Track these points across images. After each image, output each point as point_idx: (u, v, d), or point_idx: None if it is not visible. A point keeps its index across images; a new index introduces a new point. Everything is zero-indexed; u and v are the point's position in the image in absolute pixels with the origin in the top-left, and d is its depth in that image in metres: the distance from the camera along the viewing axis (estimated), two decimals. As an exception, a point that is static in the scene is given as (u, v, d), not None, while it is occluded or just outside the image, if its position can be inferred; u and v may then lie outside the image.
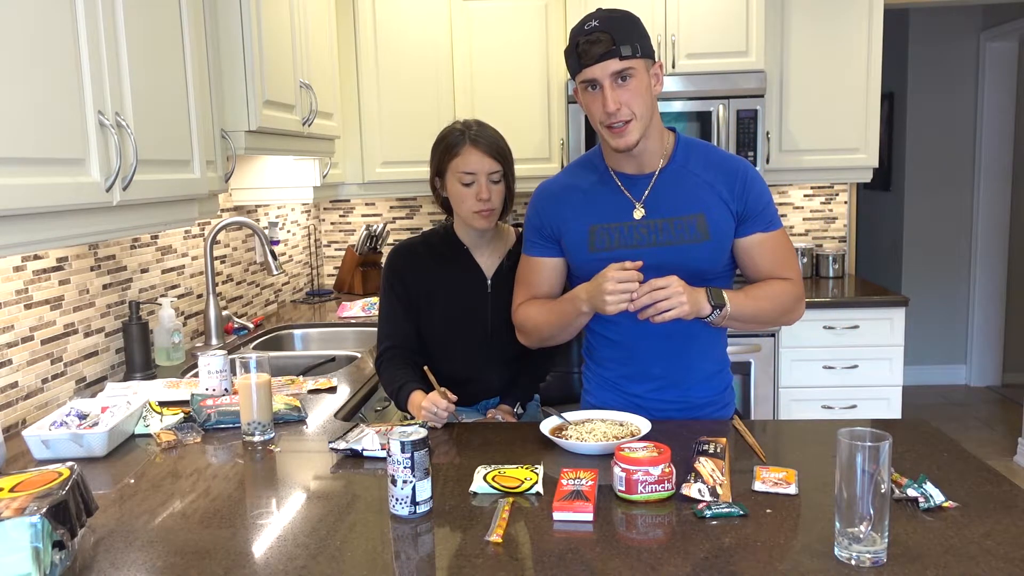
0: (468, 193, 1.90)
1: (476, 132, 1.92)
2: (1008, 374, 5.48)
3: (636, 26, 1.64)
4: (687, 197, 1.70)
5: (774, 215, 1.75)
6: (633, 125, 1.64)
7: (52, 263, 2.03)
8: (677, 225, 1.69)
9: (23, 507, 1.10)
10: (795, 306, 1.77)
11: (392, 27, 3.51)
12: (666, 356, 1.76)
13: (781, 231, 1.76)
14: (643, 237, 1.70)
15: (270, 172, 3.03)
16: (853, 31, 3.52)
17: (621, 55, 1.60)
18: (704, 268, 1.71)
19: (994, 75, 5.24)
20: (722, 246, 1.72)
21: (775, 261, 1.75)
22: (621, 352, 1.79)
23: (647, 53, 1.64)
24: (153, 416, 1.82)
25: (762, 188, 1.73)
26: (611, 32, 1.60)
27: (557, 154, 3.61)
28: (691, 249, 1.68)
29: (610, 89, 1.62)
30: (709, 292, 1.64)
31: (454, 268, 2.02)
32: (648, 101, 1.65)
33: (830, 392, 3.46)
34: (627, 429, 1.62)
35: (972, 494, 1.33)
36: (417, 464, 1.30)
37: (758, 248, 1.74)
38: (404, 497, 1.30)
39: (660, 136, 1.73)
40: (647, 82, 1.64)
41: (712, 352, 1.80)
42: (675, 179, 1.72)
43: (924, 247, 5.50)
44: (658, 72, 1.68)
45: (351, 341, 3.00)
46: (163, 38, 1.79)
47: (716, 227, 1.69)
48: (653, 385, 1.78)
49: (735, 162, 1.74)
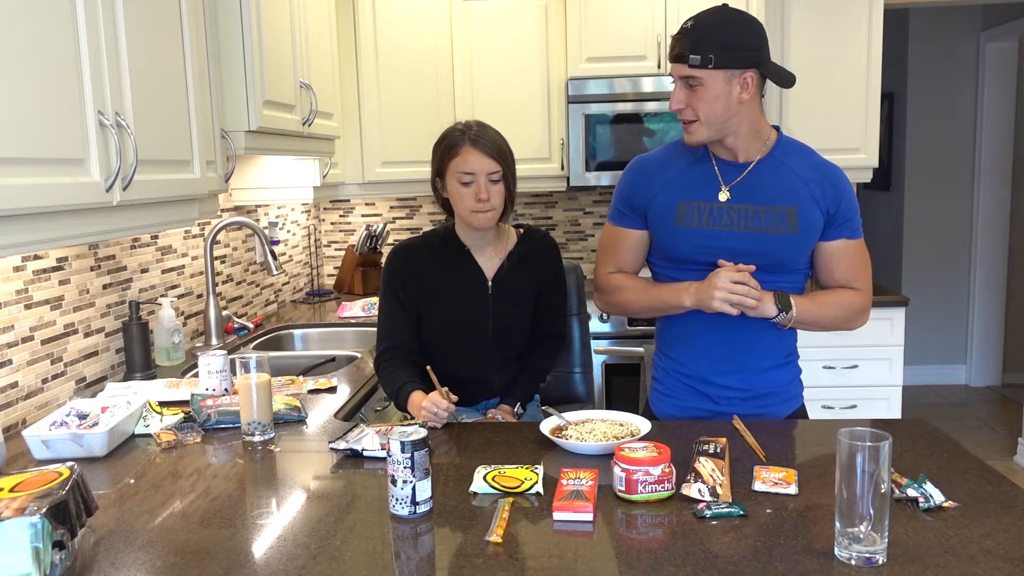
0: (467, 193, 1.90)
1: (476, 132, 1.91)
2: (1008, 374, 5.49)
3: (723, 35, 1.64)
4: (781, 189, 1.74)
5: (859, 224, 1.79)
6: (696, 127, 1.70)
7: (52, 263, 2.03)
8: (768, 214, 1.73)
9: (23, 507, 1.10)
10: (858, 316, 1.84)
11: (392, 27, 3.51)
12: (732, 341, 1.79)
13: (862, 241, 1.80)
14: (732, 220, 1.73)
15: (270, 172, 3.03)
16: (853, 31, 3.53)
17: (689, 63, 1.64)
18: (786, 260, 1.74)
19: (994, 75, 5.24)
20: (807, 242, 1.75)
21: (851, 269, 1.79)
22: (688, 333, 1.82)
23: (727, 64, 1.64)
24: (153, 416, 1.82)
25: (853, 196, 1.77)
26: (692, 37, 1.64)
27: (557, 154, 3.61)
28: (778, 239, 1.72)
29: (678, 89, 1.69)
30: (777, 295, 1.70)
31: (455, 269, 2.02)
32: (717, 109, 1.67)
33: (830, 392, 3.46)
34: (627, 429, 1.62)
35: (972, 494, 1.33)
36: (417, 464, 1.30)
37: (839, 254, 1.78)
38: (404, 497, 1.30)
39: (756, 132, 1.75)
40: (719, 91, 1.65)
41: (780, 345, 1.84)
42: (771, 172, 1.75)
43: (924, 247, 5.50)
44: (748, 80, 1.66)
45: (351, 341, 3.00)
46: (163, 38, 1.79)
47: (805, 222, 1.72)
48: (719, 369, 1.80)
49: (832, 167, 1.78)
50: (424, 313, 2.01)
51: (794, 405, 1.89)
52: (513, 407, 2.04)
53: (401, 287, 2.00)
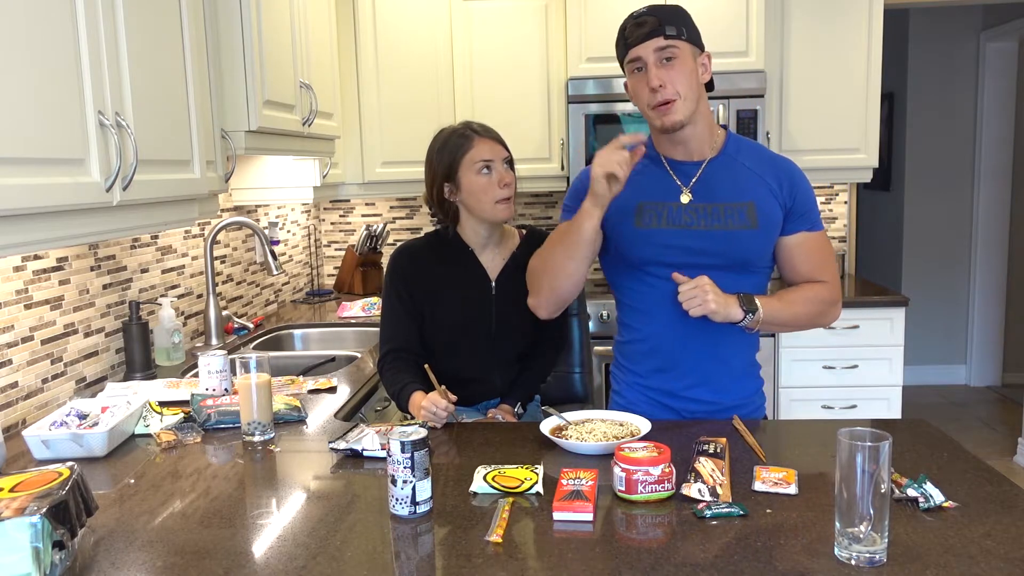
0: (490, 182, 1.93)
1: (479, 126, 1.97)
2: (1008, 374, 5.48)
3: (685, 14, 1.70)
4: (737, 186, 1.73)
5: (819, 217, 1.79)
6: (678, 104, 1.67)
7: (52, 263, 2.03)
8: (727, 211, 1.71)
9: (23, 507, 1.10)
10: (829, 310, 1.79)
11: (392, 27, 3.51)
12: (697, 352, 1.76)
13: (823, 233, 1.79)
14: (691, 219, 1.72)
15: (270, 172, 3.03)
16: (853, 31, 3.52)
17: (666, 34, 1.65)
18: (748, 257, 1.73)
19: (994, 75, 5.24)
20: (768, 237, 1.74)
21: (814, 262, 1.77)
22: (652, 344, 1.79)
23: (694, 40, 1.68)
24: (153, 416, 1.82)
25: (809, 188, 1.77)
26: (658, 15, 1.67)
27: (557, 154, 3.61)
28: (738, 235, 1.71)
29: (654, 67, 1.67)
30: (741, 298, 1.67)
31: (458, 269, 2.02)
32: (693, 84, 1.68)
33: (830, 392, 3.46)
34: (627, 429, 1.62)
35: (972, 494, 1.33)
36: (417, 464, 1.30)
37: (801, 247, 1.76)
38: (404, 497, 1.30)
39: (710, 126, 1.76)
40: (692, 66, 1.68)
41: (740, 348, 1.80)
42: (725, 169, 1.75)
43: (924, 247, 5.50)
44: (706, 62, 1.71)
45: (351, 341, 3.00)
46: (163, 38, 1.79)
47: (765, 217, 1.72)
48: (684, 383, 1.78)
49: (784, 161, 1.79)
50: (427, 313, 2.02)
51: (758, 416, 1.85)
52: (514, 407, 2.04)
53: (404, 288, 2.01)
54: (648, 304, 1.78)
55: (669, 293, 1.70)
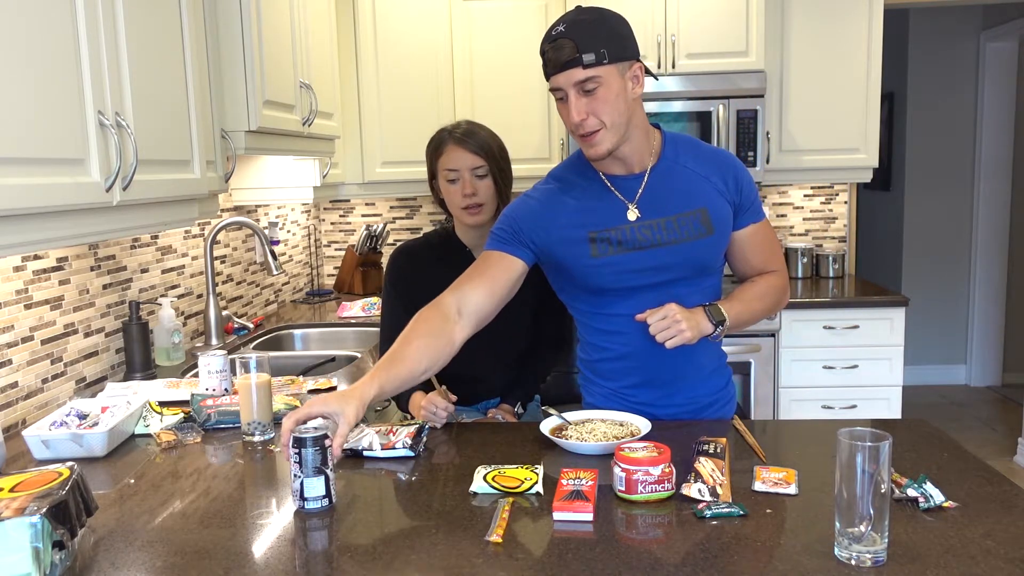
0: (455, 190, 1.96)
1: (461, 131, 1.98)
2: (1008, 374, 5.48)
3: (606, 27, 1.55)
4: (685, 193, 1.68)
5: (760, 205, 1.77)
6: (602, 135, 1.58)
7: (52, 263, 2.03)
8: (680, 222, 1.66)
9: (23, 507, 1.10)
10: (783, 297, 1.81)
11: (392, 27, 3.51)
12: (674, 361, 1.72)
13: (767, 221, 1.79)
14: (646, 238, 1.65)
15: (270, 172, 3.03)
16: (853, 31, 3.52)
17: (584, 63, 1.52)
18: (708, 263, 1.71)
19: (994, 75, 5.24)
20: (724, 239, 1.72)
21: (766, 253, 1.78)
22: (629, 363, 1.74)
23: (618, 56, 1.54)
24: (153, 416, 1.82)
25: (750, 178, 1.75)
26: (575, 38, 1.52)
27: (557, 154, 3.61)
28: (696, 245, 1.67)
29: (575, 99, 1.56)
30: (708, 311, 1.64)
31: (455, 269, 2.02)
32: (620, 108, 1.57)
33: (830, 392, 3.46)
34: (627, 429, 1.62)
35: (972, 494, 1.33)
36: (305, 461, 1.32)
37: (751, 240, 1.75)
38: (296, 490, 1.34)
39: (645, 136, 1.67)
40: (618, 88, 1.56)
41: (710, 348, 1.79)
42: (668, 176, 1.68)
43: (924, 247, 5.50)
44: (638, 73, 1.59)
45: (351, 341, 3.00)
46: (163, 38, 1.79)
47: (718, 220, 1.68)
48: (663, 391, 1.76)
49: (724, 155, 1.76)
50: None
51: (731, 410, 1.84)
52: (514, 407, 2.04)
53: (403, 289, 2.01)
54: (618, 325, 1.71)
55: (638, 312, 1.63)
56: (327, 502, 1.34)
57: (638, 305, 1.65)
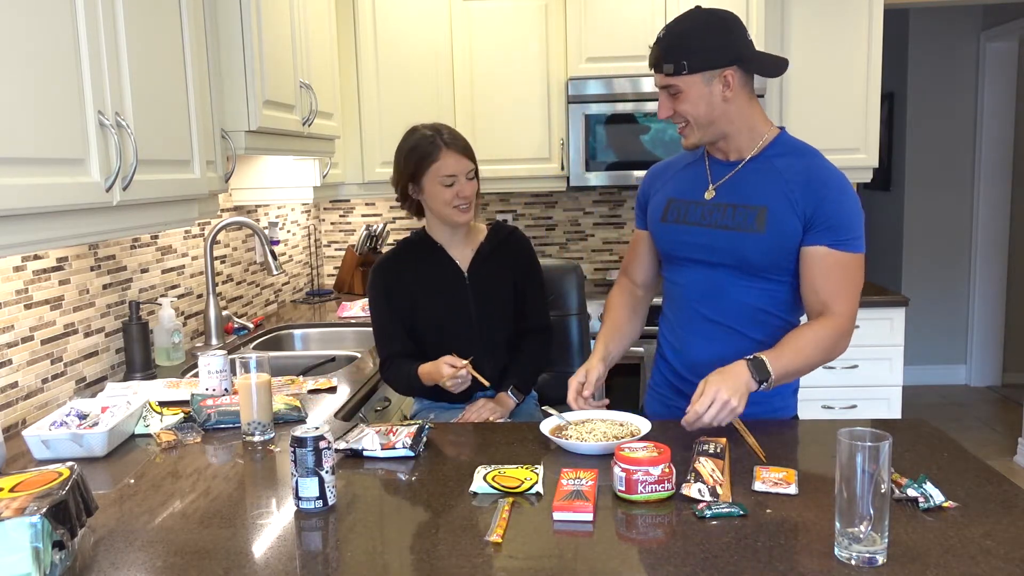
0: (450, 193, 2.00)
1: (448, 136, 2.02)
2: (1008, 374, 5.48)
3: (697, 38, 1.64)
4: (758, 189, 1.71)
5: (853, 238, 1.66)
6: (688, 130, 1.72)
7: (52, 263, 2.03)
8: (739, 212, 1.71)
9: (23, 507, 1.10)
10: (837, 346, 1.71)
11: (392, 27, 3.50)
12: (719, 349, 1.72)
13: (852, 257, 1.66)
14: (707, 217, 1.74)
15: (270, 172, 3.03)
16: (853, 31, 3.52)
17: (664, 72, 1.67)
18: (754, 260, 1.69)
19: (994, 75, 5.23)
20: (778, 244, 1.67)
21: (830, 284, 1.66)
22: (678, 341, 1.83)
23: (701, 67, 1.64)
24: (153, 416, 1.82)
25: (845, 206, 1.65)
26: (663, 47, 1.66)
27: (557, 154, 3.61)
28: (744, 238, 1.69)
29: (662, 98, 1.72)
30: (752, 368, 1.57)
31: (432, 267, 2.10)
32: (702, 110, 1.67)
33: (830, 392, 3.46)
34: (627, 429, 1.62)
35: (972, 494, 1.33)
36: (299, 460, 1.32)
37: (817, 262, 1.66)
38: (293, 487, 1.34)
39: (749, 132, 1.72)
40: (698, 94, 1.66)
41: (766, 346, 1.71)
42: (756, 171, 1.73)
43: (924, 247, 5.50)
44: (729, 80, 1.64)
45: (351, 341, 3.00)
46: (163, 38, 1.79)
47: (775, 224, 1.66)
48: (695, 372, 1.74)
49: (827, 173, 1.68)
50: (411, 312, 2.09)
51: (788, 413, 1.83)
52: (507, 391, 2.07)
53: (386, 295, 2.10)
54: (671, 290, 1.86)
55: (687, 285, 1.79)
56: (321, 503, 1.34)
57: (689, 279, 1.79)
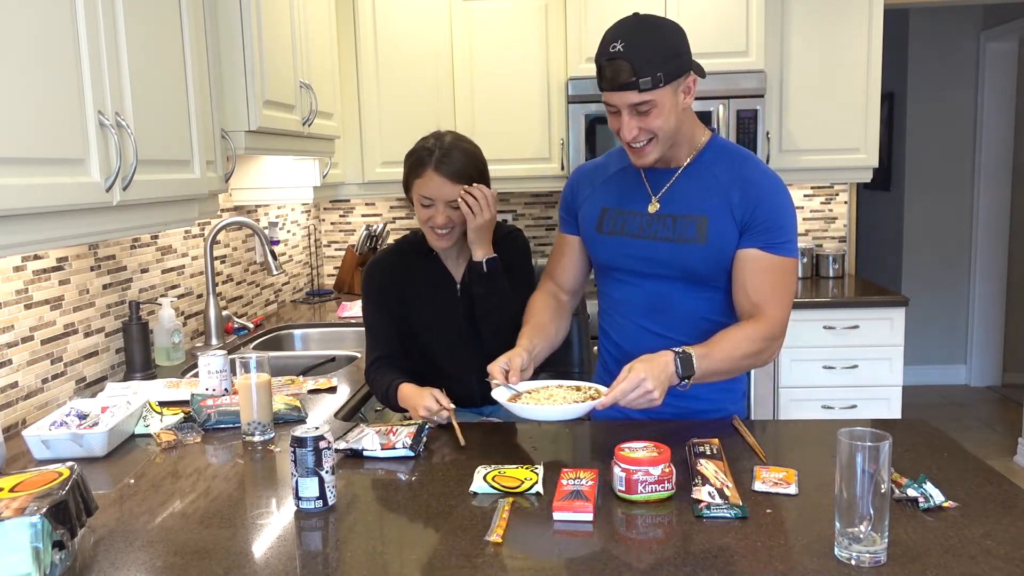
0: (427, 214, 1.91)
1: (442, 155, 1.86)
2: (1008, 374, 5.48)
3: (664, 46, 1.56)
4: (697, 198, 1.68)
5: (785, 241, 1.64)
6: (651, 146, 1.63)
7: (52, 263, 2.03)
8: (680, 223, 1.68)
9: (23, 507, 1.10)
10: (768, 346, 1.64)
11: (392, 27, 3.51)
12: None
13: (784, 260, 1.64)
14: (647, 229, 1.70)
15: (270, 172, 3.03)
16: (853, 31, 3.52)
17: (640, 88, 1.54)
18: (697, 271, 1.68)
19: (994, 75, 5.23)
20: (719, 253, 1.66)
21: (763, 287, 1.63)
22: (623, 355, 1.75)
23: (674, 76, 1.57)
24: (153, 416, 1.82)
25: (780, 209, 1.64)
26: (632, 61, 1.53)
27: (557, 154, 3.61)
28: (686, 249, 1.67)
29: (628, 118, 1.59)
30: (678, 362, 1.53)
31: (425, 274, 2.04)
32: (672, 122, 1.61)
33: (830, 392, 3.46)
34: (585, 393, 1.58)
35: (972, 494, 1.33)
36: (299, 460, 1.32)
37: (751, 264, 1.64)
38: (293, 487, 1.34)
39: (689, 136, 1.70)
40: (671, 103, 1.59)
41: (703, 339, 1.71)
42: (694, 178, 1.70)
43: (924, 247, 5.50)
44: (690, 85, 1.62)
45: (351, 341, 3.00)
46: (163, 38, 1.79)
47: (715, 233, 1.65)
48: None
49: (764, 176, 1.67)
50: (403, 317, 2.03)
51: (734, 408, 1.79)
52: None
53: (380, 296, 2.02)
54: (610, 304, 1.82)
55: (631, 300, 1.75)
56: (321, 503, 1.34)
57: (631, 293, 1.74)
